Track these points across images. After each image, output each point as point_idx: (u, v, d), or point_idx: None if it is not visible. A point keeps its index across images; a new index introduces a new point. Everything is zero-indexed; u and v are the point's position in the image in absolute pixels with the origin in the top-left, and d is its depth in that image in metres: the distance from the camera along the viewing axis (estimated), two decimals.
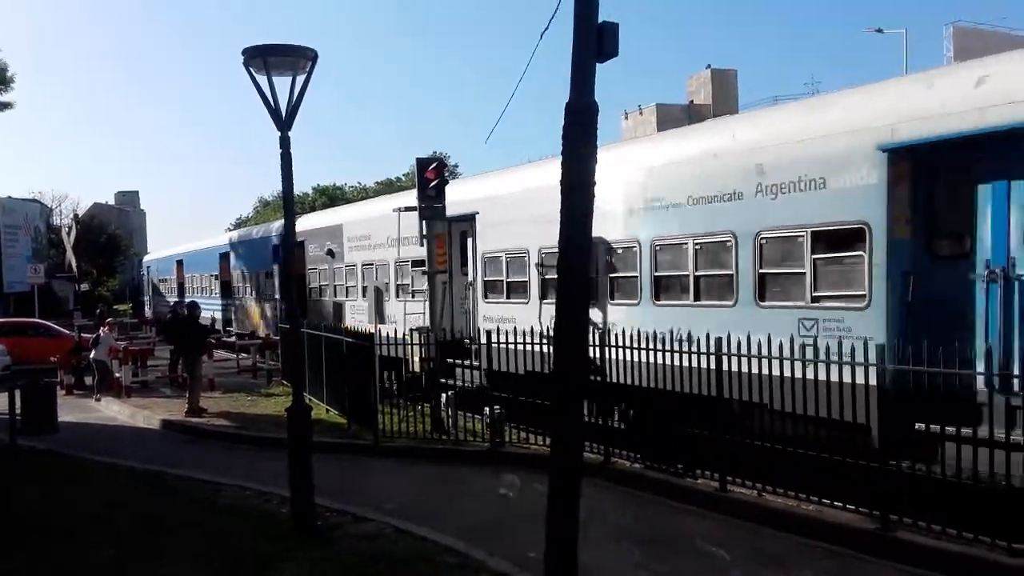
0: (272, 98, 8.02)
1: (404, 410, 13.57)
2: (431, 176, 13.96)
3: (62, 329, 26.97)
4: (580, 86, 4.06)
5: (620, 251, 12.35)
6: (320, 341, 15.34)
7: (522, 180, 15.02)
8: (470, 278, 16.23)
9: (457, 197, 15.20)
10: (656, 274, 11.69)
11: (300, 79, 8.07)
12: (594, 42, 4.04)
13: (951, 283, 8.50)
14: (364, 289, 20.38)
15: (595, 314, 12.28)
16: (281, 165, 8.30)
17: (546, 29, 4.26)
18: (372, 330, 14.30)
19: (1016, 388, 7.62)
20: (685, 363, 9.83)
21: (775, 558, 7.81)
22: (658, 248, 11.66)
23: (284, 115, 8.10)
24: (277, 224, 29.76)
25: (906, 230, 8.87)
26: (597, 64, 4.11)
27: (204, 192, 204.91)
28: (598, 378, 11.02)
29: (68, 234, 34.33)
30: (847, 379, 8.07)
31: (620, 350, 10.80)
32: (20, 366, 23.27)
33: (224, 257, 33.50)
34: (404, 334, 14.08)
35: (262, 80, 7.99)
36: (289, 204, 8.55)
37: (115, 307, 53.49)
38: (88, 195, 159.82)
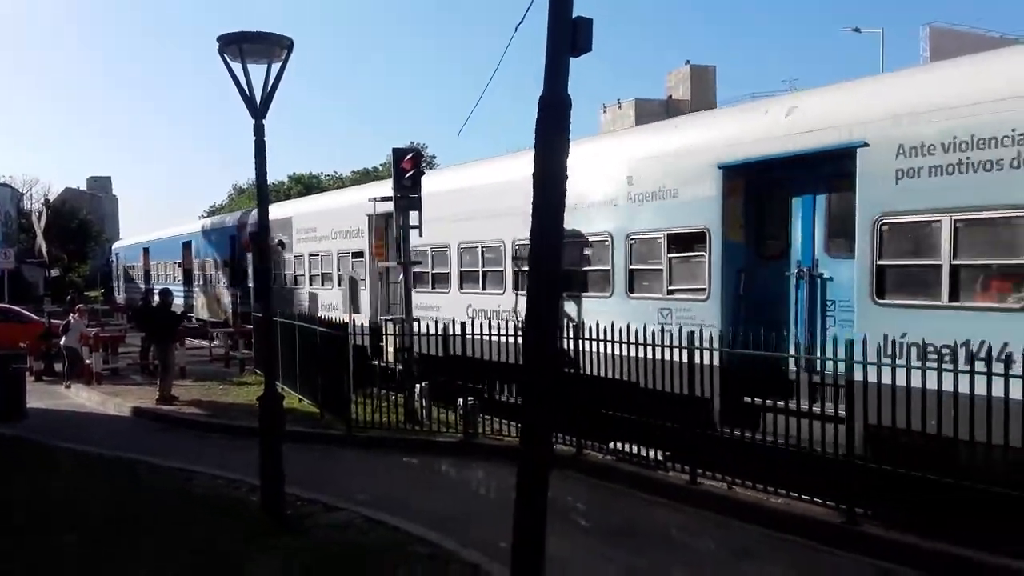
0: (247, 86, 7.97)
1: (378, 400, 13.56)
2: (407, 167, 13.92)
3: (32, 315, 26.63)
4: (553, 80, 4.06)
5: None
6: (294, 330, 15.29)
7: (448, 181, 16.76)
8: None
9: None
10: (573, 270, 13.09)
11: (275, 67, 8.03)
12: (568, 36, 4.04)
13: (775, 279, 10.32)
14: (312, 278, 21.82)
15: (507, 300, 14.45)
16: (255, 153, 8.25)
17: (520, 22, 4.27)
18: (346, 319, 14.28)
19: (818, 368, 9.20)
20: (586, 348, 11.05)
21: (745, 550, 7.90)
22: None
23: (259, 103, 8.05)
24: (232, 216, 32.25)
25: (740, 234, 10.63)
26: (572, 59, 4.12)
27: (178, 179, 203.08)
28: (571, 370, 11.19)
29: (39, 219, 33.79)
30: (696, 361, 9.50)
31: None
32: None
33: (186, 246, 34.80)
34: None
35: (237, 68, 7.94)
36: (263, 192, 8.51)
37: (86, 293, 52.90)
38: (59, 180, 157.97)
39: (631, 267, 11.92)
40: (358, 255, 19.08)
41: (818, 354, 9.32)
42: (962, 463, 7.36)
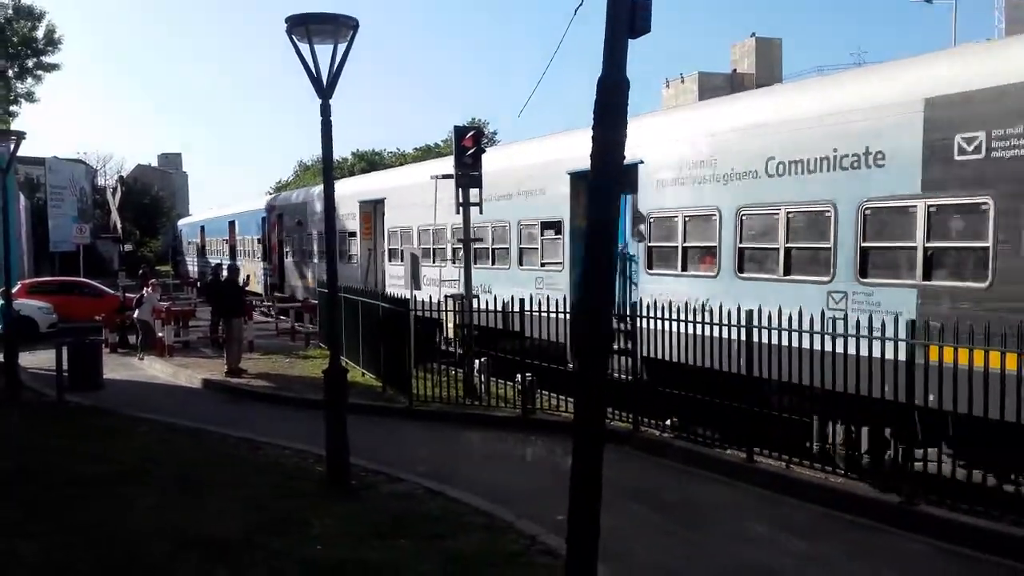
0: (314, 66, 8.15)
1: (437, 375, 13.81)
2: (468, 144, 14.06)
3: (107, 288, 27.59)
4: (612, 62, 4.11)
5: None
6: (357, 305, 15.62)
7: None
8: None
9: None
10: (481, 246, 16.72)
11: (341, 47, 8.18)
12: (627, 18, 4.10)
13: None
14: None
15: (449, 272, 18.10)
16: (321, 132, 8.44)
17: (580, 5, 4.35)
18: (407, 295, 14.53)
19: (616, 324, 12.04)
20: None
21: (800, 527, 7.93)
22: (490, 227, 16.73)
23: (325, 83, 8.23)
24: (262, 200, 37.74)
25: (584, 221, 12.90)
26: (630, 40, 4.17)
27: (245, 155, 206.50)
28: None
29: (113, 195, 34.90)
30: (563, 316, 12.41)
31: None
32: (66, 324, 24.09)
33: (231, 225, 39.89)
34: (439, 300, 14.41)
35: (304, 48, 8.11)
36: (328, 170, 8.72)
37: (157, 268, 54.51)
38: (132, 156, 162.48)
39: (520, 246, 15.91)
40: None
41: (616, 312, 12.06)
42: (703, 383, 10.20)
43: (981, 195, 8.05)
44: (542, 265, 15.11)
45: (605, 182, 4.10)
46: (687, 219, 11.76)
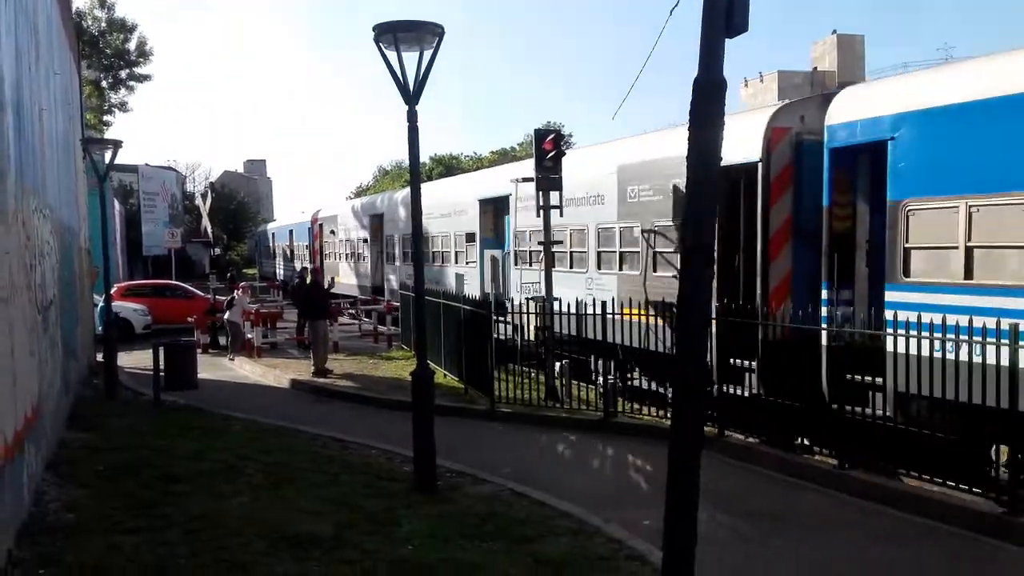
0: (401, 73, 8.26)
1: (518, 377, 13.87)
2: (548, 147, 14.08)
3: (197, 291, 28.51)
4: (708, 62, 4.06)
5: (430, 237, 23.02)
6: (439, 307, 15.79)
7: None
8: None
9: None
10: (433, 250, 23.06)
11: (427, 54, 8.28)
12: (723, 18, 4.04)
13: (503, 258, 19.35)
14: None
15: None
16: (408, 138, 8.54)
17: (676, 5, 4.30)
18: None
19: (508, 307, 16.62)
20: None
21: (895, 537, 7.69)
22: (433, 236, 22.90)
23: (412, 90, 8.33)
24: (308, 212, 42.60)
25: (491, 233, 20.27)
26: (727, 39, 4.12)
27: (329, 160, 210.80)
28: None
29: (204, 200, 36.09)
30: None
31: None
32: (159, 325, 24.96)
33: (290, 233, 46.37)
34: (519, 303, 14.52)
35: (391, 56, 8.22)
36: (415, 175, 8.82)
37: (244, 271, 56.12)
38: (218, 163, 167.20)
39: (456, 250, 21.86)
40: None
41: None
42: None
43: (636, 222, 13.68)
44: (468, 263, 21.09)
45: (703, 185, 4.05)
46: (531, 232, 16.61)
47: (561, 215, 14.49)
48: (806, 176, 10.96)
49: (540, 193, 14.17)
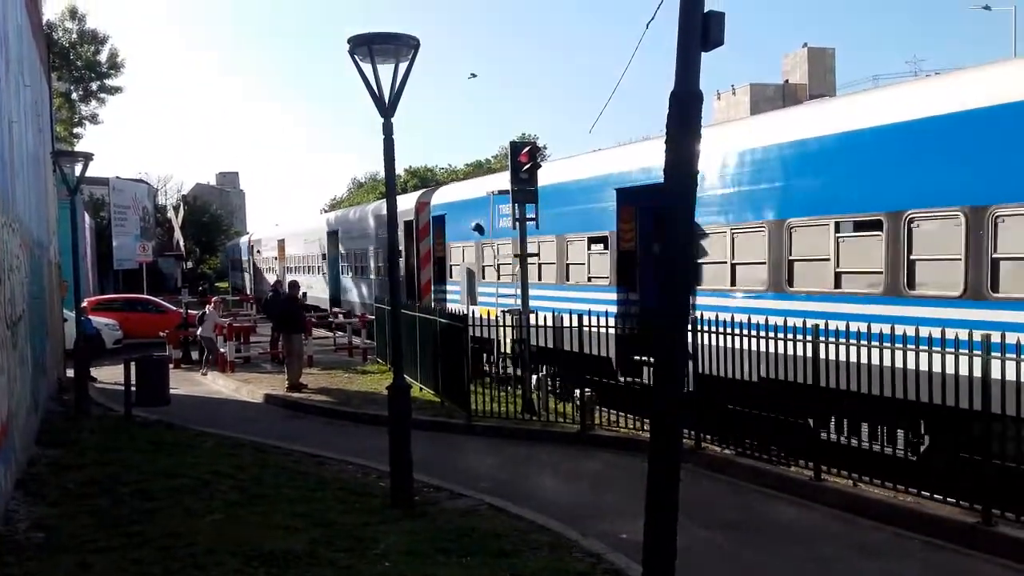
0: (376, 85, 8.23)
1: (495, 390, 13.81)
2: (523, 159, 14.08)
3: (169, 305, 28.21)
4: (685, 75, 4.08)
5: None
6: (414, 320, 15.72)
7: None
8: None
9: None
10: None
11: (403, 66, 8.25)
12: (699, 31, 4.06)
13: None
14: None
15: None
16: (384, 150, 8.50)
17: (652, 19, 4.32)
18: (464, 311, 14.63)
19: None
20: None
21: (871, 548, 7.72)
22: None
23: (387, 102, 8.30)
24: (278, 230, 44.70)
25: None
26: (703, 52, 4.14)
27: (301, 172, 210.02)
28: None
29: (176, 214, 35.79)
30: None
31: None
32: (130, 340, 24.64)
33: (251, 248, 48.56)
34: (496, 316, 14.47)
35: (367, 68, 8.19)
36: (391, 188, 8.78)
37: (216, 285, 55.65)
38: (190, 176, 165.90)
39: (381, 265, 24.85)
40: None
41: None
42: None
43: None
44: (376, 272, 25.46)
45: (679, 197, 4.05)
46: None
47: (537, 227, 14.50)
48: (433, 227, 21.83)
49: (515, 205, 14.16)
